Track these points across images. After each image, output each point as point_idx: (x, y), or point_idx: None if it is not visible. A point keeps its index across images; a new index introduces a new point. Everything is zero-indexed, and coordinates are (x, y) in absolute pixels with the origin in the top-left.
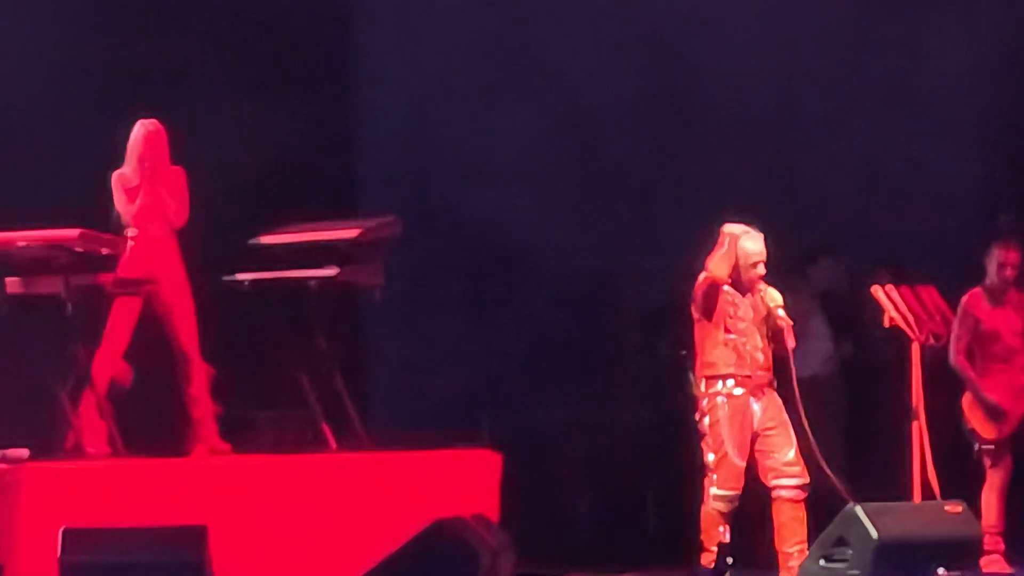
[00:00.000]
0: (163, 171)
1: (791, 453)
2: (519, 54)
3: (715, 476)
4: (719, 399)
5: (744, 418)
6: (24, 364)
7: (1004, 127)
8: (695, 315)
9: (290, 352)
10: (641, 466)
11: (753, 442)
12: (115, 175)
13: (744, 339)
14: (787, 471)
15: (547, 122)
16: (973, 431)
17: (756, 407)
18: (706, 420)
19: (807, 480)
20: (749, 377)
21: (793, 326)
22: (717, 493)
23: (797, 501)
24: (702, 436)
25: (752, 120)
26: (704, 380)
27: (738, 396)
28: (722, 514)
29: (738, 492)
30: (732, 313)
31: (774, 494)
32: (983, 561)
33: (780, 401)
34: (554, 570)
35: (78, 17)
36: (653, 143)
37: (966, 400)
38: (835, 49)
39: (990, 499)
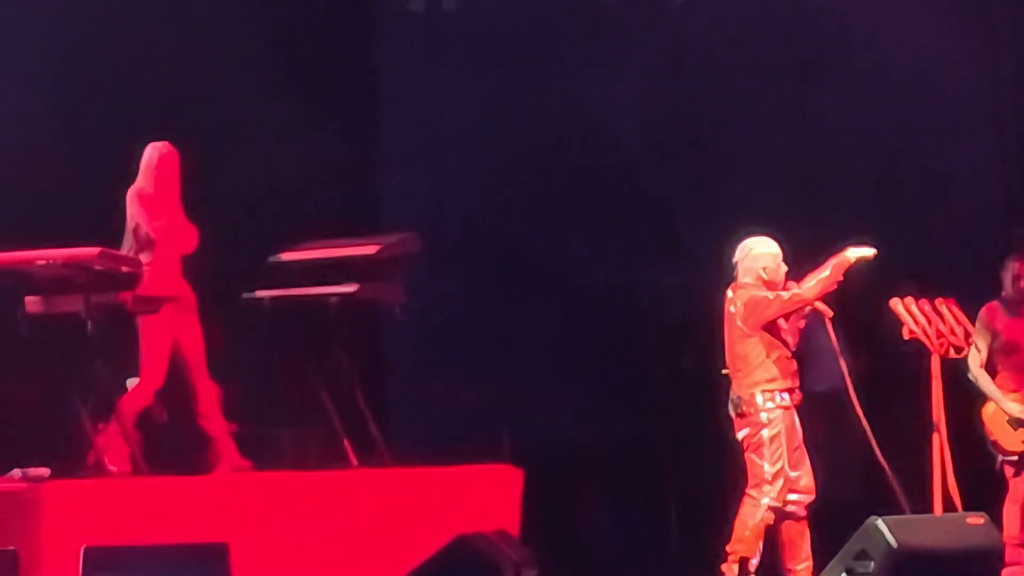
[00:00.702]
0: (176, 193)
1: (807, 472)
2: (537, 69)
3: (770, 487)
4: (779, 412)
5: (793, 431)
6: (45, 382)
7: (1021, 138)
8: (748, 330)
9: (311, 369)
10: (663, 480)
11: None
12: (133, 191)
13: (789, 354)
14: (801, 488)
15: (566, 136)
16: (995, 443)
17: (797, 421)
18: (766, 432)
19: (814, 498)
20: (793, 390)
21: (803, 341)
22: (773, 504)
23: (803, 518)
24: (754, 448)
25: (770, 132)
26: (761, 393)
27: (791, 409)
28: (768, 526)
29: (784, 506)
30: (785, 329)
31: (785, 509)
32: (1005, 573)
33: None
34: None
35: (98, 32)
36: (672, 156)
37: (987, 412)
38: (852, 58)
39: (1012, 511)
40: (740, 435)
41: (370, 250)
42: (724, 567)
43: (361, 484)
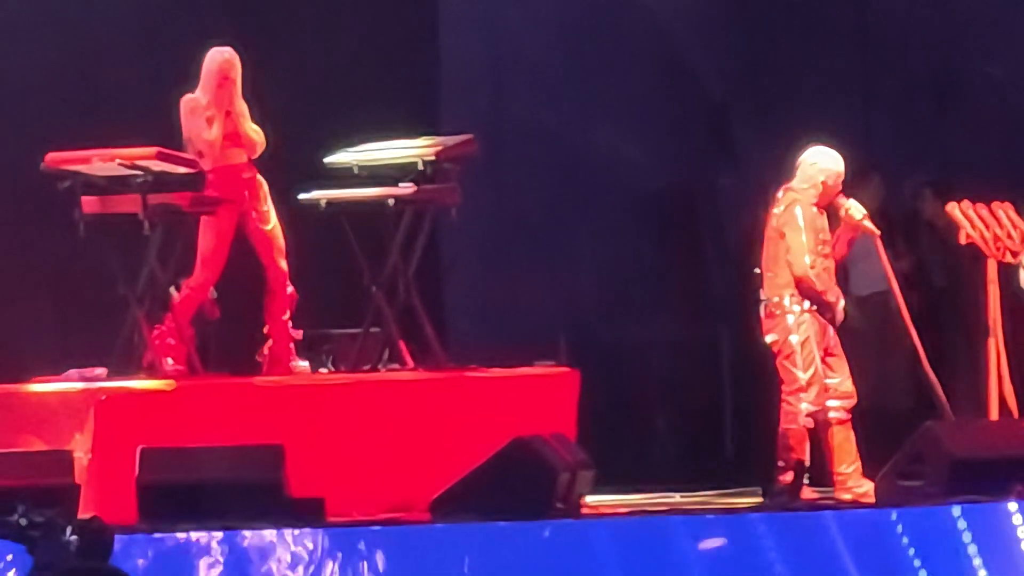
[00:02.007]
0: (238, 99)
1: (845, 374)
2: None
3: (807, 393)
4: (807, 316)
5: (823, 336)
6: (101, 283)
7: None
8: (784, 232)
9: (367, 271)
10: (719, 385)
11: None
12: (186, 100)
13: (829, 263)
14: (842, 394)
15: (625, 39)
16: None
17: (829, 327)
18: (794, 339)
19: (856, 401)
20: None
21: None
22: (811, 409)
23: (846, 422)
24: (785, 355)
25: (830, 31)
26: (790, 296)
27: (814, 313)
28: (809, 430)
29: (823, 408)
30: (823, 236)
31: (827, 416)
32: None
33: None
34: (631, 487)
35: None
36: (732, 58)
37: None
38: None
39: None
40: (768, 339)
41: (428, 151)
42: (780, 477)
43: (417, 387)
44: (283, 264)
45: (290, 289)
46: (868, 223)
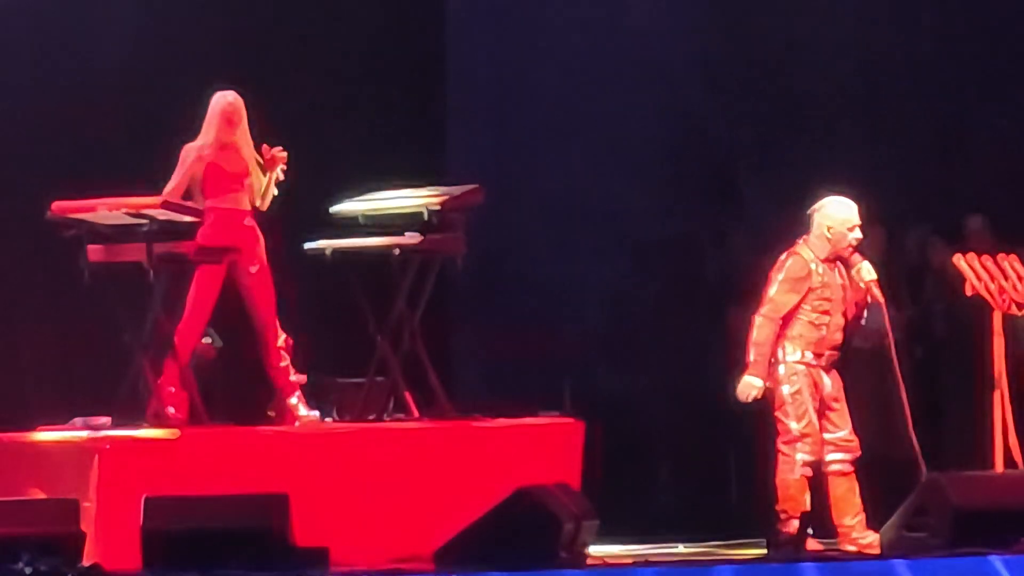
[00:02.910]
0: (244, 143)
1: (847, 428)
2: (604, 17)
3: (801, 444)
4: (799, 367)
5: (817, 388)
6: (106, 332)
7: None
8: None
9: (372, 320)
10: (722, 435)
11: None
12: (186, 149)
13: (829, 319)
14: (844, 446)
15: (631, 86)
16: None
17: (826, 379)
18: (785, 389)
19: (859, 454)
20: (823, 354)
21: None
22: (807, 459)
23: (849, 474)
24: (777, 405)
25: (835, 77)
26: (782, 350)
27: (814, 366)
28: (808, 480)
29: (819, 458)
30: (820, 294)
31: (828, 468)
32: None
33: (839, 379)
34: (635, 538)
35: None
36: (739, 109)
37: None
38: (920, 11)
39: None
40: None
41: (433, 201)
42: (782, 528)
43: (422, 436)
44: (272, 313)
45: (283, 337)
46: (876, 289)
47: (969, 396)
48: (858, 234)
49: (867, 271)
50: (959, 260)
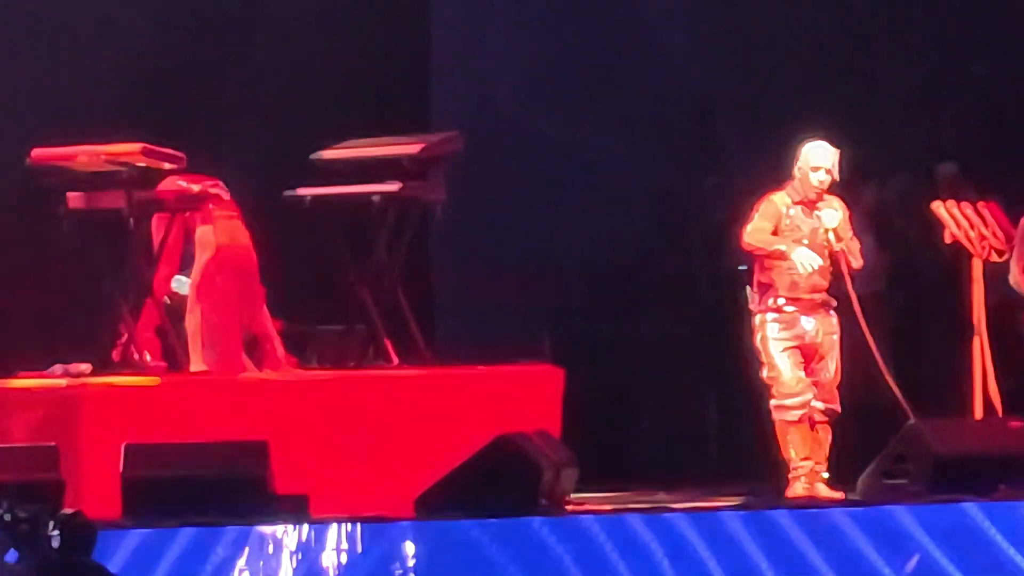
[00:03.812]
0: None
1: (826, 376)
2: None
3: (772, 390)
4: (769, 315)
5: (794, 334)
6: (86, 279)
7: None
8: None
9: (352, 268)
10: (702, 383)
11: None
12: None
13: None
14: (820, 394)
15: (612, 37)
16: None
17: (807, 324)
18: (756, 338)
19: (836, 407)
20: (800, 298)
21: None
22: (776, 404)
23: (820, 423)
24: (756, 353)
25: (817, 29)
26: (757, 296)
27: (789, 312)
28: (790, 424)
29: (804, 398)
30: (790, 236)
31: (812, 414)
32: None
33: (832, 324)
34: (615, 486)
35: None
36: (718, 56)
37: None
38: None
39: None
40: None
41: (413, 148)
42: (803, 486)
43: (402, 383)
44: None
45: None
46: (832, 236)
47: (948, 343)
48: (823, 176)
49: (828, 218)
50: (938, 207)
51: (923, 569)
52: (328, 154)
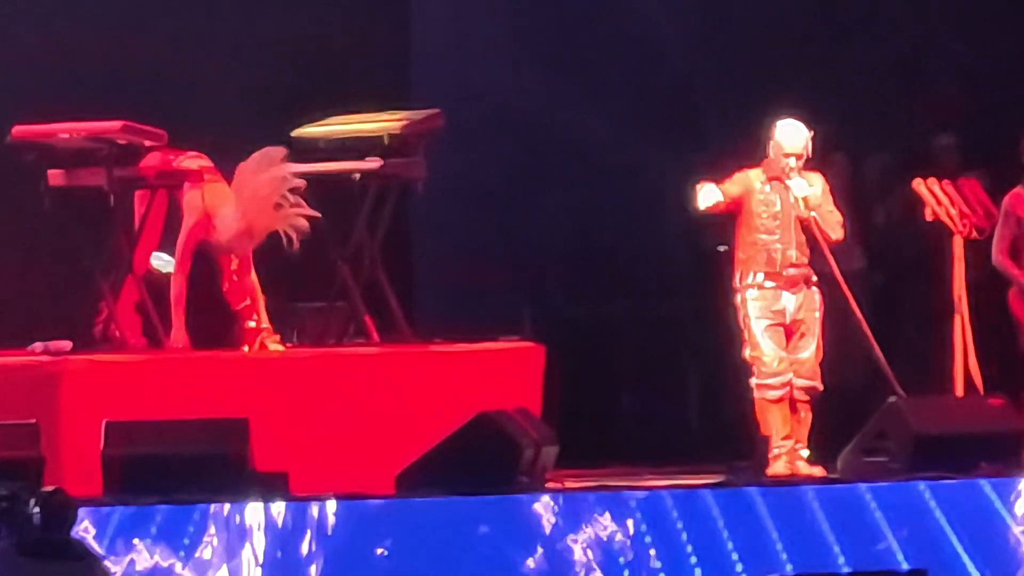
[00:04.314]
0: None
1: (807, 354)
2: None
3: (754, 369)
4: (750, 292)
5: (775, 311)
6: (66, 256)
7: None
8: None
9: (333, 244)
10: (684, 361)
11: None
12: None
13: (776, 236)
14: (799, 371)
15: (592, 13)
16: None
17: (788, 301)
18: (740, 315)
19: (817, 385)
20: (779, 274)
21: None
22: (758, 383)
23: (800, 401)
24: (739, 331)
25: (797, 9)
26: (738, 274)
27: (769, 288)
28: (771, 402)
29: (786, 377)
30: (764, 212)
31: (792, 392)
32: None
33: (814, 300)
34: (596, 463)
35: None
36: (697, 32)
37: (1012, 295)
38: None
39: None
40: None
41: (394, 125)
42: (784, 464)
43: (382, 361)
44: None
45: (237, 261)
46: (802, 203)
47: (929, 321)
48: (792, 163)
49: (798, 187)
50: (919, 185)
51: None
52: (309, 131)
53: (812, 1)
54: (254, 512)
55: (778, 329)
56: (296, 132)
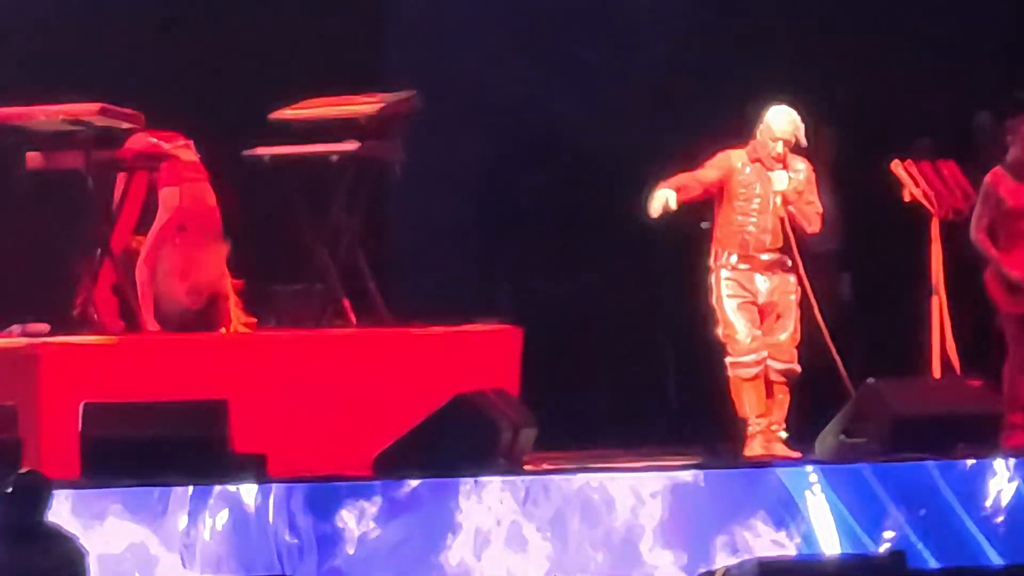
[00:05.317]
0: None
1: (784, 336)
2: None
3: (728, 347)
4: (723, 272)
5: (748, 292)
6: (45, 239)
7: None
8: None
9: (310, 227)
10: (663, 342)
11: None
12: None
13: (752, 220)
14: (776, 354)
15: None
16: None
17: (761, 284)
18: (713, 295)
19: (794, 367)
20: (753, 257)
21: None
22: (732, 360)
23: (778, 383)
24: (712, 311)
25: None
26: (713, 253)
27: (742, 270)
28: (745, 380)
29: (759, 356)
30: (743, 195)
31: (768, 373)
32: (1004, 437)
33: (790, 284)
34: (574, 445)
35: None
36: (678, 15)
37: (989, 275)
38: None
39: (1011, 374)
40: None
41: (371, 108)
42: (758, 443)
43: (360, 343)
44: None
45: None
46: (779, 199)
47: (907, 302)
48: (780, 148)
49: (778, 180)
50: (897, 166)
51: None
52: (287, 113)
53: None
54: (233, 493)
55: (751, 307)
56: (272, 115)
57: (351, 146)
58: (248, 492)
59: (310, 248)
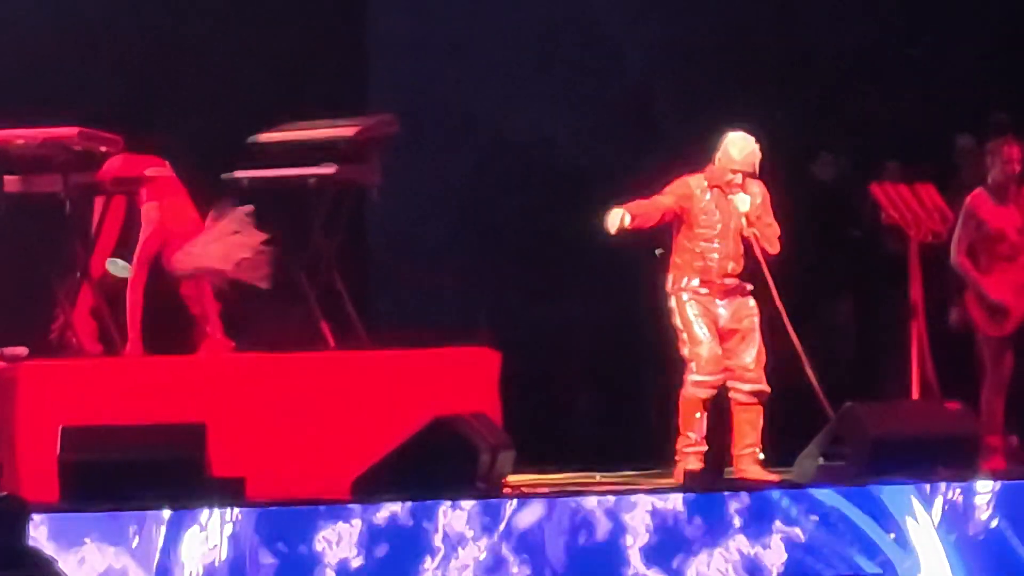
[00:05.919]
0: None
1: (749, 358)
2: None
3: (693, 364)
4: (684, 295)
5: (709, 316)
6: (23, 262)
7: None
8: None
9: (289, 250)
10: (640, 363)
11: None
12: None
13: (715, 246)
14: (744, 376)
15: (551, 14)
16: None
17: (721, 309)
18: (677, 319)
19: (764, 387)
20: (714, 283)
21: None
22: (696, 379)
23: (750, 405)
24: (676, 332)
25: (755, 9)
26: (671, 277)
27: (703, 295)
28: (701, 400)
29: (719, 377)
30: (704, 221)
31: (729, 395)
32: (982, 460)
33: (751, 307)
34: (552, 468)
35: None
36: (655, 35)
37: (969, 298)
38: None
39: (990, 397)
40: None
41: (348, 131)
42: (677, 445)
43: (339, 365)
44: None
45: None
46: (744, 221)
47: (886, 325)
48: (739, 179)
49: (740, 202)
50: (876, 189)
51: None
52: (265, 137)
53: (770, 7)
54: (211, 517)
55: (714, 327)
56: (251, 138)
57: (329, 169)
58: (226, 516)
59: (289, 270)
